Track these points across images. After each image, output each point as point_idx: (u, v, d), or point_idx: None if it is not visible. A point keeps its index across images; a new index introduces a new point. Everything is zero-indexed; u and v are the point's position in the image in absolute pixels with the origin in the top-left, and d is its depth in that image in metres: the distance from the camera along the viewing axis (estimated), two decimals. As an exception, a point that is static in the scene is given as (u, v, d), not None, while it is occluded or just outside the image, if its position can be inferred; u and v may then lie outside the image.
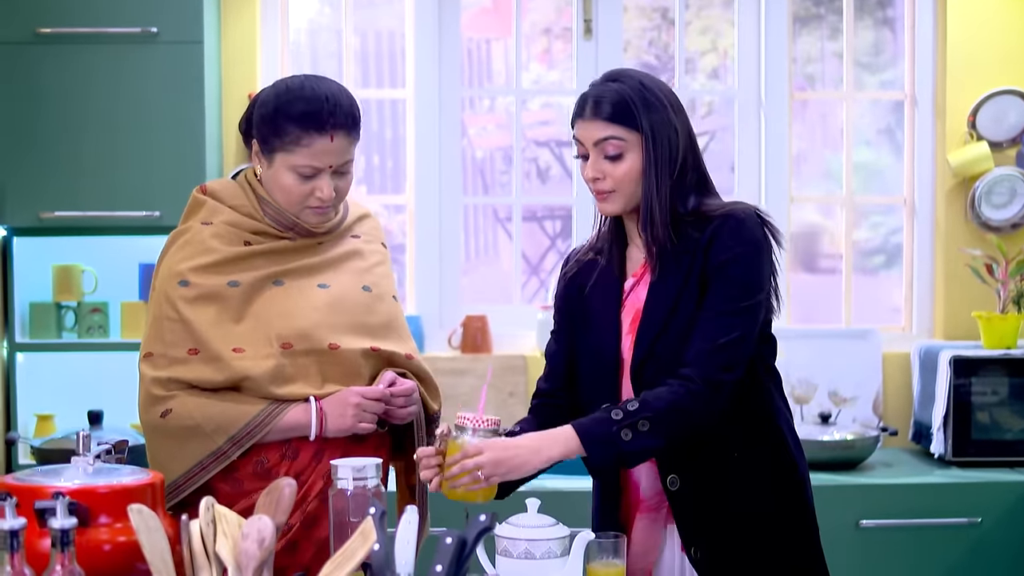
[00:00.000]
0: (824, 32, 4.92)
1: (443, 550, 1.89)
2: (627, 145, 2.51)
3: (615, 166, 2.51)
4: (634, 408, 2.40)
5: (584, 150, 2.55)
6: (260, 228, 2.61)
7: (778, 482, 2.59)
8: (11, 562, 1.82)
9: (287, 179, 2.56)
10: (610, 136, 2.50)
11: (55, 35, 4.01)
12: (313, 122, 2.51)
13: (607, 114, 2.50)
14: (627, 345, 2.55)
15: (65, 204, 4.05)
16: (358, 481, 2.27)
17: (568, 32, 4.78)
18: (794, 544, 2.59)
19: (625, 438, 2.40)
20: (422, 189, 4.57)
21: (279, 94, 2.56)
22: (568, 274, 2.70)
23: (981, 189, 4.40)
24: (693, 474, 2.52)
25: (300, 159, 2.53)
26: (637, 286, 2.59)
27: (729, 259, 2.47)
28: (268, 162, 2.58)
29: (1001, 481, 3.89)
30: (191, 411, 2.50)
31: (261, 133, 2.57)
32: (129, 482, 2.11)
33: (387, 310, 2.70)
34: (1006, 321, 4.16)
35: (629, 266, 2.63)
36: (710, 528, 2.53)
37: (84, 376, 4.21)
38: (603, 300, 2.60)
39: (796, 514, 2.60)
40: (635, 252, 2.63)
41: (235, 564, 1.93)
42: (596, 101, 2.52)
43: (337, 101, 2.54)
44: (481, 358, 4.43)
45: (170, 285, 2.55)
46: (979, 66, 4.47)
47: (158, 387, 2.51)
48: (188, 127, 4.05)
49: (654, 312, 2.52)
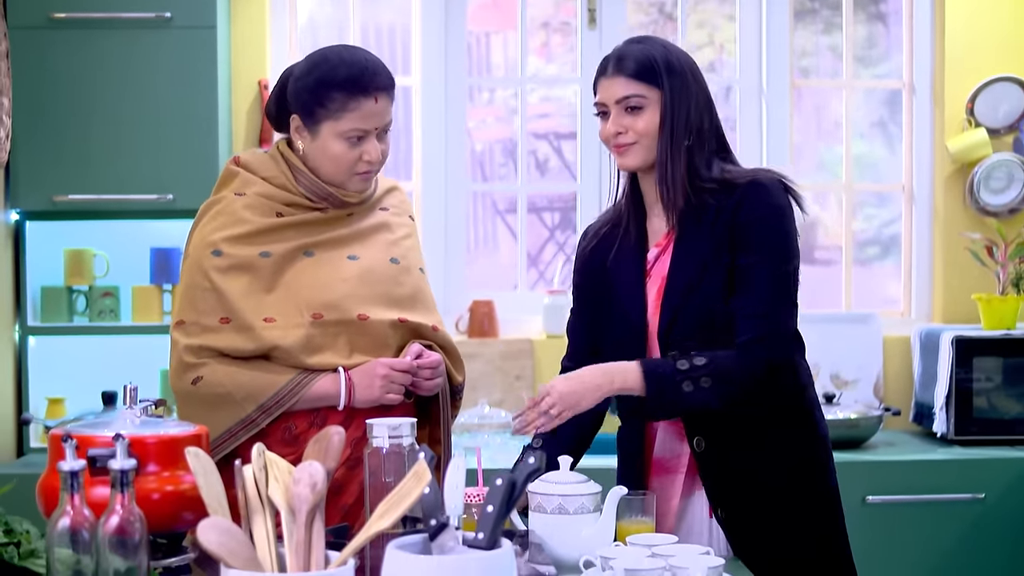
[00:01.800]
0: (818, 27, 4.98)
1: (494, 491, 1.94)
2: (648, 101, 2.59)
3: (636, 119, 2.59)
4: (700, 363, 2.48)
5: (605, 107, 2.62)
6: (293, 200, 2.65)
7: (802, 446, 2.64)
8: (71, 503, 1.86)
9: (336, 147, 2.60)
10: (632, 93, 2.58)
11: (69, 20, 4.04)
12: (358, 86, 2.56)
13: (631, 71, 2.59)
14: (654, 314, 2.60)
15: (78, 188, 4.07)
16: (393, 439, 2.31)
17: (566, 26, 4.84)
18: (817, 509, 2.64)
19: (686, 389, 2.48)
20: (428, 176, 4.61)
21: (317, 64, 2.61)
22: (588, 248, 2.76)
23: (980, 175, 4.48)
24: (718, 435, 2.58)
25: (348, 124, 2.57)
26: (662, 256, 2.64)
27: (761, 225, 2.53)
28: (312, 135, 2.62)
29: (1003, 458, 3.96)
30: (221, 379, 2.54)
31: (304, 106, 2.60)
32: (176, 432, 2.15)
33: (414, 282, 2.75)
34: (1006, 303, 4.23)
35: (651, 237, 2.68)
36: (734, 489, 2.58)
37: (95, 360, 4.24)
38: (628, 271, 2.66)
39: (820, 479, 2.65)
40: (655, 222, 2.68)
41: (288, 508, 1.96)
42: (620, 58, 2.61)
43: (375, 63, 2.60)
44: (488, 342, 4.47)
45: (203, 254, 2.59)
46: (977, 54, 4.54)
47: (190, 354, 2.55)
48: (200, 111, 4.09)
49: (679, 277, 2.57)
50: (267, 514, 1.99)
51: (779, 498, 2.59)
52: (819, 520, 2.65)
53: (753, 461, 2.58)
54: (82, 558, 1.85)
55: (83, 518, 1.85)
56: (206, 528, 1.79)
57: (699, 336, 2.53)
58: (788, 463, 2.61)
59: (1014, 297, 4.25)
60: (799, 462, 2.62)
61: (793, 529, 2.60)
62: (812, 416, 2.66)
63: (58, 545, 1.84)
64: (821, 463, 2.66)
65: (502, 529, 1.91)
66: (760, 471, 2.58)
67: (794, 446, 2.63)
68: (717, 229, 2.55)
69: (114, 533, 1.84)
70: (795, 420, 2.64)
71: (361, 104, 2.57)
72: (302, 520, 1.87)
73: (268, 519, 1.94)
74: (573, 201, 4.80)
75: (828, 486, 2.67)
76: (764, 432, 2.59)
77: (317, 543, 1.87)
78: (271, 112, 2.73)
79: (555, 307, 4.52)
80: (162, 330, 4.17)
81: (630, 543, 2.30)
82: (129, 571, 1.86)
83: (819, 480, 2.65)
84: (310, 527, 1.88)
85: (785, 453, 2.61)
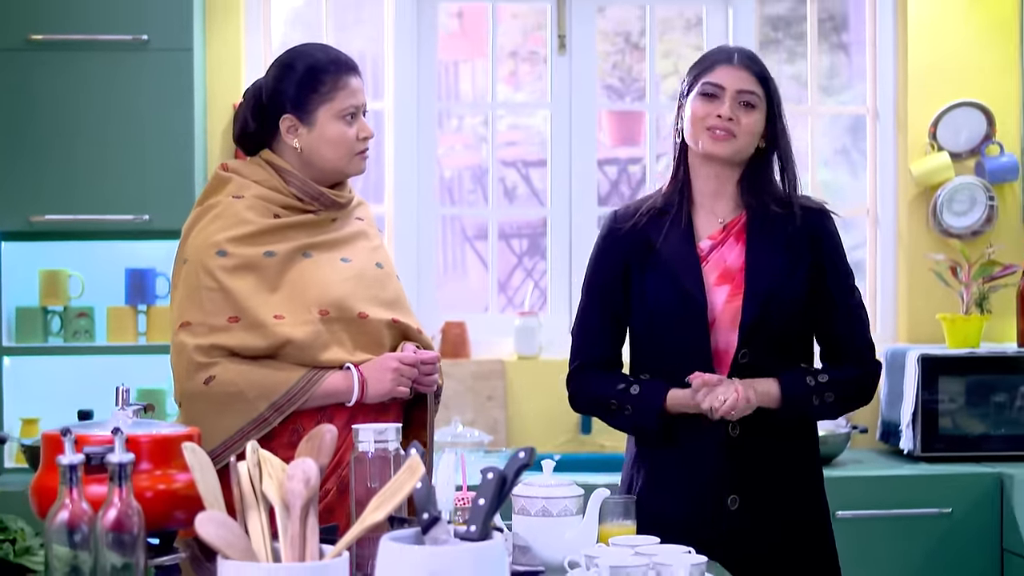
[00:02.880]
0: (782, 56, 5.08)
1: (485, 485, 1.98)
2: (760, 103, 2.75)
3: (748, 115, 2.73)
4: (824, 380, 2.74)
5: (720, 91, 2.74)
6: (287, 202, 2.71)
7: (808, 454, 2.86)
8: (70, 496, 1.89)
9: (335, 128, 2.69)
10: (755, 90, 2.74)
11: (47, 42, 4.07)
12: (342, 66, 2.72)
13: (756, 71, 2.76)
14: (719, 299, 2.74)
15: (55, 208, 4.09)
16: (379, 444, 2.35)
17: (534, 55, 4.91)
18: (814, 521, 2.85)
19: (815, 403, 2.74)
20: (400, 199, 4.66)
21: (297, 58, 2.73)
22: (627, 228, 2.83)
23: (943, 197, 4.56)
24: (752, 424, 2.72)
25: (342, 101, 2.69)
26: (720, 247, 2.77)
27: (838, 254, 2.81)
28: (309, 125, 2.70)
29: (969, 473, 4.02)
30: (234, 377, 2.56)
31: (296, 99, 2.69)
32: (169, 432, 2.18)
33: (397, 287, 2.83)
34: (970, 322, 4.31)
35: (700, 228, 2.80)
36: (753, 480, 2.74)
37: (70, 380, 4.25)
38: (682, 253, 2.77)
39: (818, 490, 2.87)
40: (704, 215, 2.81)
41: (282, 503, 1.99)
42: (749, 56, 2.79)
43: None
44: (461, 363, 4.51)
45: (207, 255, 2.62)
46: (938, 79, 4.63)
47: (200, 354, 2.57)
48: (176, 133, 4.12)
49: (761, 275, 2.73)
50: (261, 509, 2.02)
51: (787, 494, 2.79)
52: (816, 529, 2.87)
53: (773, 449, 2.77)
54: (79, 554, 1.87)
55: (81, 512, 1.88)
56: (204, 520, 1.83)
57: (778, 335, 2.74)
58: (800, 458, 2.83)
59: (978, 316, 4.33)
60: (805, 459, 2.86)
61: (790, 530, 2.79)
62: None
63: (56, 539, 1.86)
64: (819, 467, 2.90)
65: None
66: (777, 460, 2.78)
67: (804, 442, 2.86)
68: (789, 241, 2.75)
69: (112, 526, 1.87)
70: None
71: (348, 82, 2.71)
72: (296, 515, 1.90)
73: (263, 514, 1.98)
74: (542, 227, 4.85)
75: (822, 492, 2.89)
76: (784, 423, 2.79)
77: (311, 537, 1.91)
78: (248, 129, 2.77)
79: (526, 329, 4.57)
80: (137, 350, 4.20)
81: (613, 544, 2.35)
82: (126, 567, 1.89)
83: (818, 484, 2.88)
84: (304, 522, 1.91)
85: (799, 447, 2.83)
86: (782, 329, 2.73)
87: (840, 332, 2.81)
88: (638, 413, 2.74)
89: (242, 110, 2.78)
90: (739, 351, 2.71)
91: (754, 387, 2.68)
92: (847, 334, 2.81)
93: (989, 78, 4.63)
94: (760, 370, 2.71)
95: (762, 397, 2.69)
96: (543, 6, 4.76)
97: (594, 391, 2.82)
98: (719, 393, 2.64)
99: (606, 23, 5.02)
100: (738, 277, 2.74)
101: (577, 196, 4.71)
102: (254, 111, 2.75)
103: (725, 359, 2.72)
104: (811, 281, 2.75)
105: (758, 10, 4.79)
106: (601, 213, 4.69)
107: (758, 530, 2.72)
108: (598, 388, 2.82)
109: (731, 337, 2.72)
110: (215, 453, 2.51)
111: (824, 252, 2.77)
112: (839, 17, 5.01)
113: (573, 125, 4.74)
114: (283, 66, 2.73)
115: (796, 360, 2.78)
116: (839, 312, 2.80)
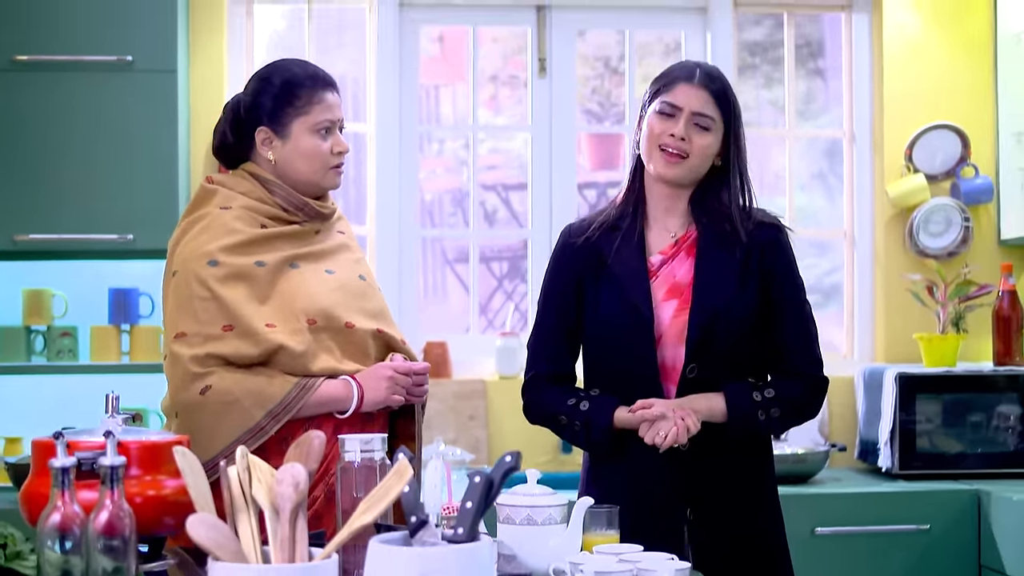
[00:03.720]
0: (759, 81, 5.13)
1: (472, 488, 2.00)
2: (715, 126, 2.75)
3: (701, 137, 2.73)
4: (771, 396, 2.72)
5: (674, 111, 2.74)
6: (272, 212, 2.74)
7: (760, 468, 2.85)
8: (61, 498, 1.90)
9: (310, 142, 2.73)
10: (711, 113, 2.74)
11: (32, 62, 4.10)
12: (318, 81, 2.76)
13: (715, 92, 2.75)
14: (666, 314, 2.74)
15: (39, 227, 4.11)
16: (365, 454, 2.37)
17: (515, 80, 4.96)
18: (767, 536, 2.84)
19: (760, 418, 2.72)
20: (382, 220, 4.69)
21: (274, 72, 2.77)
22: (581, 242, 2.84)
23: (919, 219, 4.62)
24: (701, 440, 2.72)
25: (317, 116, 2.73)
26: (670, 262, 2.77)
27: (788, 267, 2.79)
28: (283, 139, 2.74)
29: (947, 490, 4.05)
30: (230, 386, 2.58)
31: (272, 112, 2.73)
32: (158, 439, 2.20)
33: (379, 298, 2.87)
34: (946, 341, 4.36)
35: (652, 244, 2.80)
36: (704, 495, 2.73)
37: (53, 399, 4.26)
38: (631, 269, 2.77)
39: (772, 505, 2.87)
40: (656, 231, 2.81)
41: (271, 507, 2.02)
42: (710, 75, 2.76)
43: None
44: (442, 383, 4.54)
45: (198, 265, 2.64)
46: (914, 103, 4.70)
47: (196, 364, 2.58)
48: (161, 153, 4.15)
49: (708, 290, 2.72)
50: (251, 512, 2.04)
51: (740, 506, 2.77)
52: (771, 536, 2.86)
53: (730, 466, 2.77)
54: (71, 558, 1.88)
55: (73, 514, 1.89)
56: (195, 522, 1.85)
57: (726, 350, 2.72)
58: (749, 468, 2.82)
59: (954, 336, 4.38)
60: (757, 469, 2.84)
61: (747, 539, 2.78)
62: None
63: (48, 542, 1.87)
64: (772, 476, 2.89)
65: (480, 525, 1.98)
66: (725, 471, 2.77)
67: (756, 454, 2.84)
68: (739, 257, 2.75)
69: (104, 529, 1.88)
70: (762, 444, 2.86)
71: (324, 96, 2.75)
72: (286, 517, 1.93)
73: (252, 517, 2.00)
74: (522, 250, 4.89)
75: (776, 503, 2.90)
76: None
77: (301, 539, 1.93)
78: (227, 142, 2.81)
79: (507, 349, 4.60)
80: (120, 369, 4.21)
81: (597, 552, 2.37)
82: (117, 570, 1.90)
83: (772, 494, 2.88)
84: (294, 525, 1.94)
85: (747, 457, 2.82)
86: (730, 345, 2.73)
87: (787, 344, 2.78)
88: (587, 429, 2.76)
89: (221, 123, 2.81)
90: (687, 366, 2.72)
91: (696, 409, 2.68)
92: (793, 347, 2.78)
93: (964, 101, 4.70)
94: (709, 385, 2.72)
95: (707, 414, 2.70)
96: (523, 30, 4.81)
97: (545, 405, 2.85)
98: (660, 429, 2.65)
99: (586, 47, 5.07)
100: (686, 292, 2.74)
101: (557, 218, 4.75)
102: (232, 124, 2.79)
103: (673, 375, 2.74)
104: (761, 295, 2.76)
105: (736, 35, 4.85)
106: (581, 235, 4.74)
107: (711, 544, 2.72)
108: (549, 402, 2.84)
109: (679, 352, 2.73)
110: (210, 464, 2.50)
111: (775, 264, 2.77)
112: (815, 43, 5.07)
113: (553, 148, 4.78)
114: (261, 79, 2.78)
115: (746, 374, 2.78)
116: (786, 324, 2.78)
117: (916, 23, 4.71)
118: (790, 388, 2.75)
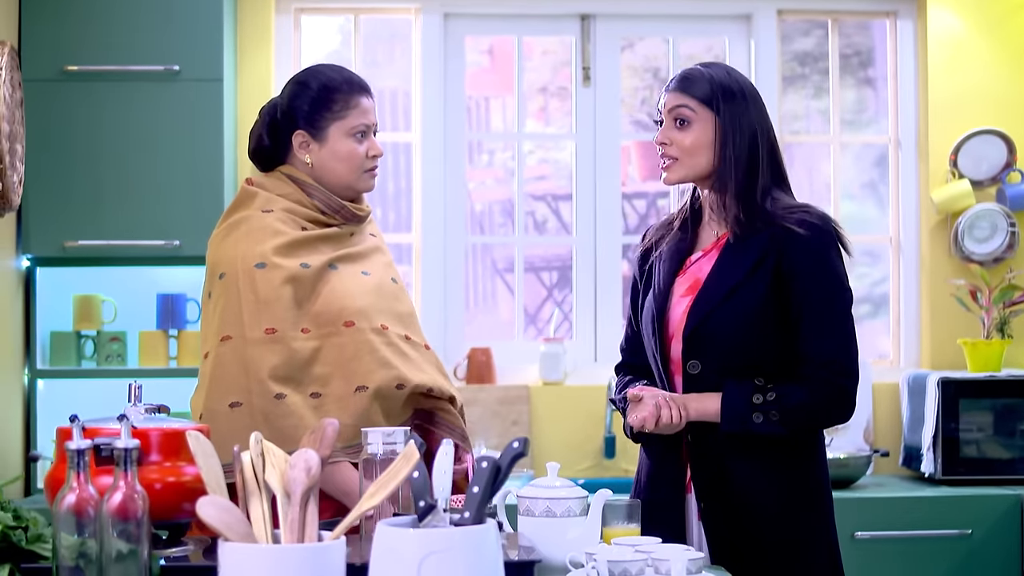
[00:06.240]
0: (809, 91, 5.13)
1: (480, 474, 2.03)
2: (696, 116, 2.71)
3: (682, 134, 2.71)
4: (772, 398, 2.65)
5: (660, 119, 2.76)
6: (311, 215, 2.78)
7: (797, 464, 2.77)
8: (77, 480, 1.95)
9: (346, 146, 2.77)
10: (682, 104, 2.71)
11: (81, 72, 4.20)
12: (355, 85, 2.79)
13: (685, 86, 2.72)
14: (680, 310, 2.74)
15: (88, 234, 4.20)
16: (387, 446, 2.40)
17: (563, 91, 4.99)
18: (809, 530, 2.78)
19: (756, 420, 2.65)
20: (428, 229, 4.73)
21: (311, 77, 2.81)
22: (652, 239, 2.89)
23: (964, 224, 4.59)
24: (703, 434, 2.71)
25: (354, 120, 2.77)
26: (702, 259, 2.78)
27: (816, 268, 2.68)
28: (320, 143, 2.77)
29: (990, 495, 4.03)
30: (304, 412, 2.62)
31: (309, 116, 2.77)
32: (178, 426, 2.25)
33: (408, 302, 2.90)
34: (991, 346, 4.33)
35: (700, 243, 2.81)
36: (713, 486, 2.71)
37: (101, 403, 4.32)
38: (666, 267, 2.81)
39: (812, 504, 2.78)
40: (707, 230, 2.82)
41: (283, 491, 2.05)
42: (683, 76, 2.75)
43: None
44: (486, 388, 4.57)
45: (245, 268, 2.67)
46: (959, 109, 4.68)
47: (273, 378, 2.61)
48: (206, 160, 4.23)
49: (715, 285, 2.71)
50: (263, 497, 2.08)
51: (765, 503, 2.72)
52: (813, 537, 2.80)
53: (739, 461, 2.71)
54: (87, 541, 1.93)
55: (88, 495, 1.92)
56: (205, 504, 1.88)
57: (730, 348, 2.68)
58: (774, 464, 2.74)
59: (999, 340, 4.35)
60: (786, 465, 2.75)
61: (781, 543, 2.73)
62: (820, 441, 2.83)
63: (63, 523, 1.92)
64: (818, 467, 2.81)
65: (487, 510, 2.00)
66: (742, 466, 2.71)
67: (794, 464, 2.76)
68: (761, 256, 2.68)
69: (117, 510, 1.92)
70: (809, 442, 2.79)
71: (360, 101, 2.78)
72: (297, 500, 1.96)
73: (264, 501, 2.03)
74: (571, 261, 4.91)
75: (823, 495, 2.82)
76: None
77: (311, 522, 1.96)
78: (263, 144, 2.84)
79: (551, 355, 4.63)
80: (168, 373, 4.28)
81: (614, 543, 2.39)
82: (132, 552, 1.94)
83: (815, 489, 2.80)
84: (304, 508, 1.97)
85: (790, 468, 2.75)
86: (728, 341, 2.68)
87: (803, 348, 2.68)
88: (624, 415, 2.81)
89: (257, 126, 2.85)
90: (686, 361, 2.71)
91: (687, 403, 2.67)
92: (808, 351, 2.67)
93: (1009, 106, 4.67)
94: (717, 385, 2.69)
95: (698, 410, 2.68)
96: (568, 39, 4.85)
97: (611, 389, 3.04)
98: (637, 410, 2.68)
99: (635, 58, 5.09)
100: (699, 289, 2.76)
101: (602, 227, 4.78)
102: (269, 127, 2.83)
103: (681, 369, 2.75)
104: (773, 294, 2.68)
105: (780, 44, 4.86)
106: (626, 242, 4.76)
107: (728, 540, 2.71)
108: (615, 388, 2.93)
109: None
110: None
111: (797, 264, 2.67)
112: (866, 52, 5.06)
113: (598, 156, 4.81)
114: (298, 84, 2.82)
115: (763, 376, 2.70)
116: (803, 327, 2.67)
117: (961, 29, 4.69)
118: (796, 393, 2.65)
